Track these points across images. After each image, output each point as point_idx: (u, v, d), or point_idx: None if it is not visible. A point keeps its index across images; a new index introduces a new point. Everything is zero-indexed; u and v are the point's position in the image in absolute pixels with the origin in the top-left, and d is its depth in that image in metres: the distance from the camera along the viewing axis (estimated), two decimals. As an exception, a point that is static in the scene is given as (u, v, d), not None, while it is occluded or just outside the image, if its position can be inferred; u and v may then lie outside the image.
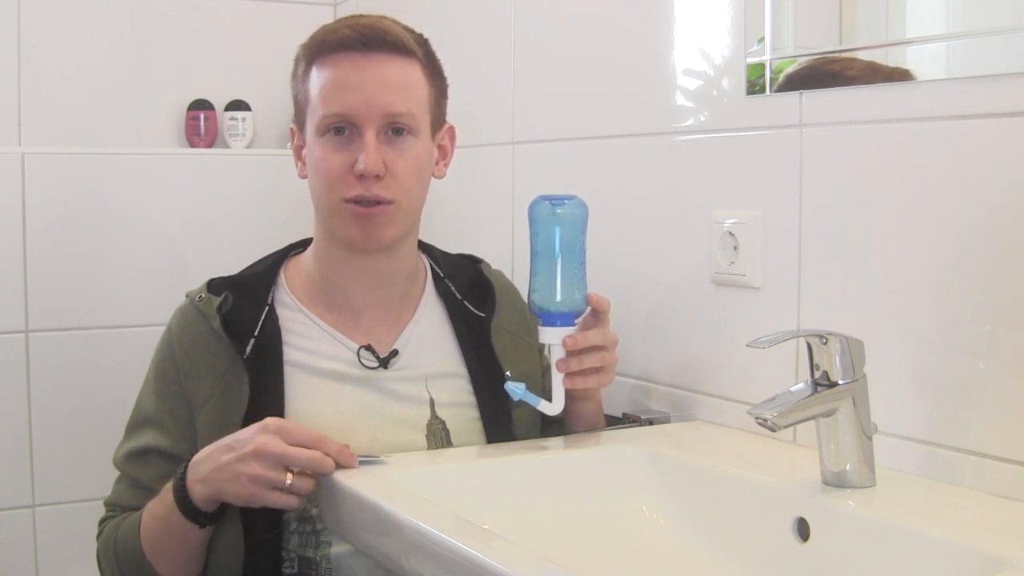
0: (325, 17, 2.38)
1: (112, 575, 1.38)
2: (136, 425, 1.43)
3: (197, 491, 1.27)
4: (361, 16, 1.40)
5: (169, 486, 1.30)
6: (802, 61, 1.31)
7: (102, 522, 1.42)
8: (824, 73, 1.29)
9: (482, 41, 1.92)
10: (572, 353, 1.31)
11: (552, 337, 1.31)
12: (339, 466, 1.24)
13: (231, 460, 1.24)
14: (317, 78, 1.37)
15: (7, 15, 2.13)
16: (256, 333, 1.38)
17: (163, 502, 1.30)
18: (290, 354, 1.39)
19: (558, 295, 1.30)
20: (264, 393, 1.35)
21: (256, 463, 1.22)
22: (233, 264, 1.48)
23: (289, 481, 1.23)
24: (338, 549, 1.33)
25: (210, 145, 2.30)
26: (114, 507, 1.42)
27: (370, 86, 1.34)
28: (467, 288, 1.50)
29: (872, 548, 1.04)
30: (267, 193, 2.21)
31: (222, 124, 2.32)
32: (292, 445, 1.23)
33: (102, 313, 2.08)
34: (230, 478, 1.24)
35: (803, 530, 1.12)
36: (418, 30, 1.43)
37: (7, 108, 2.14)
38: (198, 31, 2.30)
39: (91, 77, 2.20)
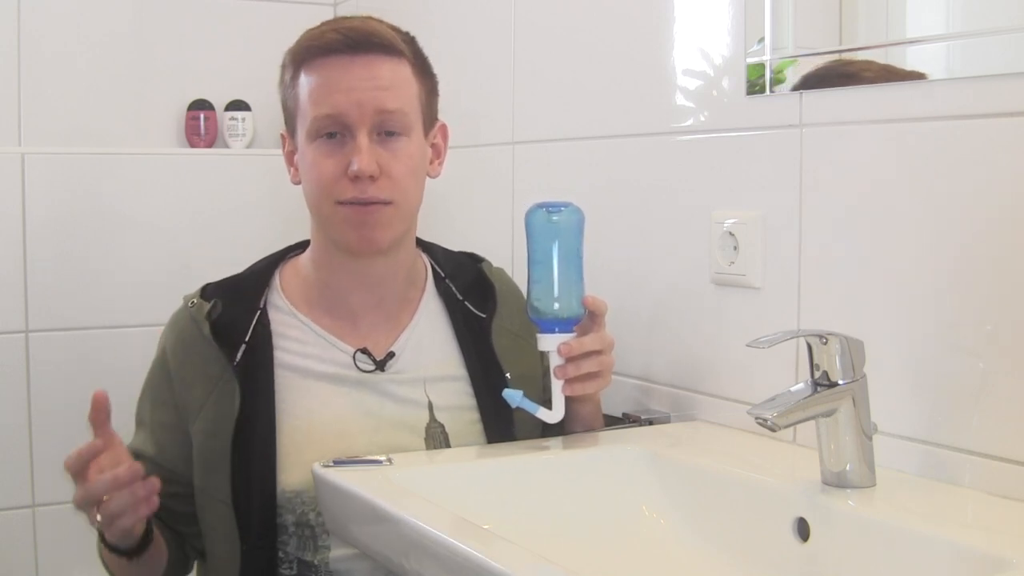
0: (325, 17, 2.36)
1: None
2: (137, 423, 1.45)
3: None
4: (346, 19, 1.40)
5: None
6: (817, 61, 1.30)
7: None
8: (840, 74, 1.28)
9: (482, 41, 1.92)
10: (570, 360, 1.30)
11: (551, 344, 1.30)
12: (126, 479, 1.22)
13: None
14: (306, 83, 1.36)
15: (7, 15, 2.12)
16: (247, 339, 1.37)
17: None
18: (281, 358, 1.38)
19: (556, 303, 1.30)
20: (254, 399, 1.35)
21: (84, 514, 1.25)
22: (233, 264, 1.48)
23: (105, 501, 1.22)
24: (337, 553, 1.33)
25: (210, 145, 2.29)
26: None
27: (360, 87, 1.33)
28: (468, 288, 1.49)
29: (872, 548, 1.04)
30: (267, 193, 2.20)
31: (222, 124, 2.31)
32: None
33: (102, 313, 2.08)
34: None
35: (803, 530, 1.12)
36: (415, 31, 1.43)
37: (7, 108, 2.13)
38: (198, 31, 2.30)
39: (91, 77, 2.20)
